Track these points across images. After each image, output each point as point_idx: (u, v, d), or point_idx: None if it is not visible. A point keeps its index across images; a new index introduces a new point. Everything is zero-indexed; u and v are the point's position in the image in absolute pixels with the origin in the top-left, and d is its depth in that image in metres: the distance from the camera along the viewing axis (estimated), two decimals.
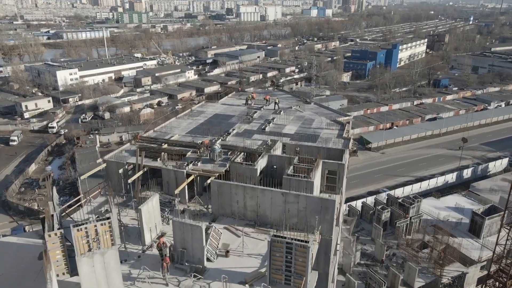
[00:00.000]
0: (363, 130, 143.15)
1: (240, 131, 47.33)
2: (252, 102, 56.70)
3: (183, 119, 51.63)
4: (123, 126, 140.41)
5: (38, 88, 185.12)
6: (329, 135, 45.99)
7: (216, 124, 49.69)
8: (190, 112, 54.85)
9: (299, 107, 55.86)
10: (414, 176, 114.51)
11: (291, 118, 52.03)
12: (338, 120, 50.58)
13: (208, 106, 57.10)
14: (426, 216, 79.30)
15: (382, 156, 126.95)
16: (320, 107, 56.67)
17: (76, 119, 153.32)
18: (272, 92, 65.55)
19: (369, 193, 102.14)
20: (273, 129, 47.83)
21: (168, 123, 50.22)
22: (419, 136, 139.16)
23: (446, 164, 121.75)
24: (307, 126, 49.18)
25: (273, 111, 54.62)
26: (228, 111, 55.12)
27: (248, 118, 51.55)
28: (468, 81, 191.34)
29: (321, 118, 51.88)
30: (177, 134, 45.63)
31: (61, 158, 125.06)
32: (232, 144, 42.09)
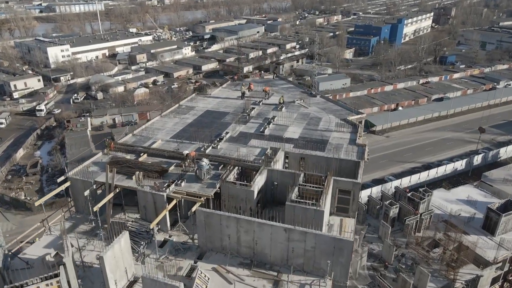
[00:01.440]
0: (366, 112, 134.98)
1: (234, 134, 39.80)
2: (246, 92, 48.80)
3: (169, 118, 43.96)
4: (116, 107, 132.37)
5: (28, 66, 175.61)
6: (340, 140, 38.48)
7: (207, 124, 42.11)
8: (177, 109, 47.06)
9: (303, 102, 48.06)
10: (421, 162, 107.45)
11: (295, 116, 44.36)
12: (348, 119, 42.93)
13: (198, 101, 49.27)
14: (436, 210, 72.22)
15: (387, 140, 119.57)
16: (327, 102, 48.82)
17: (68, 100, 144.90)
18: (272, 82, 57.60)
19: (374, 181, 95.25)
20: (274, 132, 40.31)
21: (150, 123, 42.58)
22: (425, 118, 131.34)
23: (454, 149, 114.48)
24: (313, 127, 41.60)
25: (273, 107, 46.88)
26: (221, 107, 47.37)
27: (244, 116, 43.92)
28: (476, 58, 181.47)
29: (329, 116, 44.20)
30: (160, 140, 38.10)
31: (51, 143, 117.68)
32: (224, 155, 34.65)
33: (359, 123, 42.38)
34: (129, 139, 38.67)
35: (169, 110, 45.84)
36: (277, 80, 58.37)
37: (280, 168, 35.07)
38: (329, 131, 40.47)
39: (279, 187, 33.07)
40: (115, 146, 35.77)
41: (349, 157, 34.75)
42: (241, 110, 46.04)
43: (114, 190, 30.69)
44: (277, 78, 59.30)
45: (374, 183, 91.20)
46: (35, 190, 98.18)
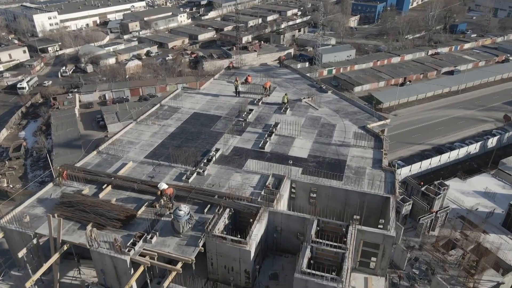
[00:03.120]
0: (372, 87, 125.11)
1: (227, 151, 30.82)
2: (239, 87, 39.35)
3: (146, 126, 34.77)
4: (106, 82, 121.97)
5: (14, 35, 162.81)
6: (361, 160, 29.59)
7: (193, 136, 33.03)
8: (159, 109, 37.75)
9: (311, 100, 38.72)
10: (431, 144, 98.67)
11: (302, 122, 35.20)
12: (369, 128, 33.81)
13: (185, 99, 39.84)
14: (452, 204, 64.06)
15: (395, 118, 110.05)
16: (340, 100, 39.45)
17: (56, 73, 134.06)
18: (275, 71, 47.78)
19: None
20: (277, 147, 31.34)
21: (123, 134, 33.46)
22: (435, 94, 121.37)
23: (466, 129, 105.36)
24: (325, 139, 32.56)
25: (275, 108, 37.60)
26: (212, 107, 38.05)
27: (239, 122, 34.79)
28: (488, 27, 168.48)
29: (344, 122, 35.03)
30: (131, 162, 29.17)
31: (36, 122, 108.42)
32: (211, 189, 25.89)
33: (383, 134, 33.32)
34: (92, 159, 29.73)
35: (148, 113, 36.55)
36: (281, 69, 48.54)
37: (285, 205, 26.48)
38: (346, 145, 31.47)
39: (284, 233, 24.70)
40: (69, 174, 26.87)
41: (375, 189, 26.02)
42: (236, 112, 36.81)
43: (61, 247, 22.19)
44: (283, 66, 49.34)
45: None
46: (19, 176, 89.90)
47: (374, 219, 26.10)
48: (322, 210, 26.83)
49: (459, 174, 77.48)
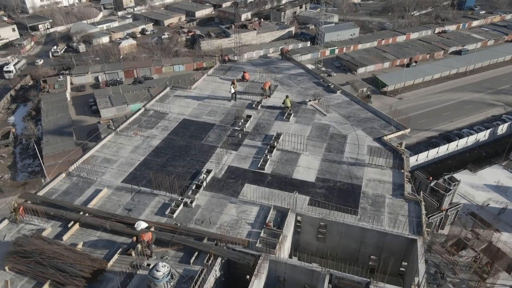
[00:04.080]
0: (377, 68, 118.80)
1: (220, 173, 25.81)
2: (235, 90, 33.92)
3: (128, 138, 29.57)
4: (99, 63, 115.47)
5: (4, 11, 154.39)
6: (378, 185, 24.65)
7: (181, 150, 27.94)
8: (143, 115, 32.42)
9: (318, 103, 33.39)
10: (438, 131, 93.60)
11: (308, 132, 30.01)
12: (386, 140, 28.67)
13: (174, 101, 34.41)
14: (462, 199, 59.70)
15: (400, 102, 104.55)
16: (351, 102, 34.09)
17: (47, 52, 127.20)
18: (276, 64, 41.94)
19: None
20: (279, 167, 26.32)
21: (99, 148, 28.33)
22: (442, 76, 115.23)
23: (474, 113, 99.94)
24: (336, 155, 27.49)
25: (277, 114, 32.32)
26: (204, 112, 32.72)
27: (236, 133, 29.61)
28: (497, 3, 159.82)
29: (357, 133, 29.85)
30: (105, 188, 24.21)
31: (26, 106, 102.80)
32: (199, 230, 21.08)
33: (402, 148, 28.23)
34: (60, 185, 24.73)
35: (130, 120, 31.25)
36: (283, 62, 42.75)
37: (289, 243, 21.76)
38: (361, 164, 26.43)
39: (289, 284, 20.13)
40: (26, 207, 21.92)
41: (398, 227, 21.23)
42: (231, 118, 31.55)
43: None
44: (286, 59, 43.54)
45: None
46: (8, 165, 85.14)
47: (395, 260, 21.46)
48: (332, 249, 22.18)
49: (469, 166, 72.70)
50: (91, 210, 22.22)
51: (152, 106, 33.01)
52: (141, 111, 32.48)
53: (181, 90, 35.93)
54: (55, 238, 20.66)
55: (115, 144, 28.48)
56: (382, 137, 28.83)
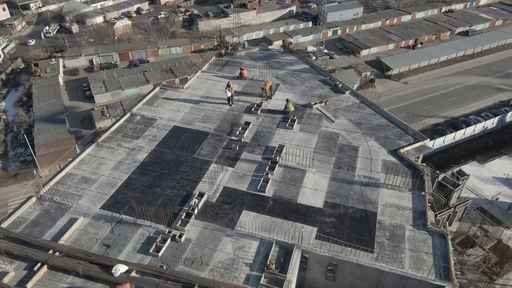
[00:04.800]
0: (381, 50, 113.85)
1: (214, 196, 22.31)
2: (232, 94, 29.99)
3: (110, 150, 25.87)
4: (93, 45, 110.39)
5: None
6: (396, 212, 21.21)
7: (170, 166, 24.33)
8: (128, 121, 28.61)
9: (324, 106, 29.55)
10: (444, 117, 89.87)
11: (314, 142, 26.32)
12: (402, 154, 25.04)
13: (163, 103, 30.50)
14: (470, 193, 56.56)
15: (405, 87, 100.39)
16: (362, 105, 30.23)
17: (39, 33, 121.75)
18: (278, 58, 37.66)
19: None
20: (281, 189, 22.79)
21: (77, 163, 24.68)
22: (448, 59, 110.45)
23: (481, 99, 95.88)
24: (346, 173, 23.91)
25: (279, 120, 28.54)
26: (197, 118, 28.92)
27: (232, 144, 25.94)
28: None
29: (369, 143, 26.18)
30: (81, 217, 20.75)
31: (18, 91, 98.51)
32: (188, 275, 17.75)
33: (422, 164, 24.64)
34: (29, 212, 21.21)
35: (113, 128, 27.45)
36: (285, 56, 38.44)
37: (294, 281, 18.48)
38: (375, 184, 22.90)
39: None
40: None
41: (421, 270, 17.92)
42: (228, 125, 27.80)
43: None
44: (288, 51, 39.29)
45: None
46: None
47: None
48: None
49: (477, 157, 69.18)
50: (62, 247, 18.83)
51: (139, 111, 29.14)
52: (127, 116, 28.63)
53: (172, 90, 31.97)
54: (18, 285, 17.35)
55: (95, 158, 24.84)
56: (398, 150, 25.18)
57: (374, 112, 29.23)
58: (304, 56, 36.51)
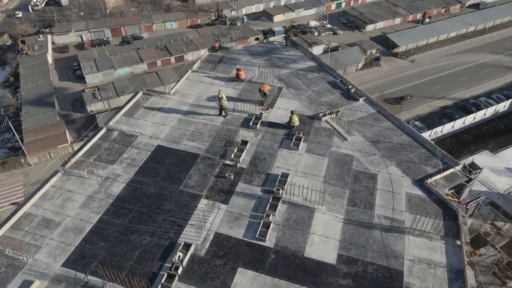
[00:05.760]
0: (387, 24, 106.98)
1: (203, 247, 18.01)
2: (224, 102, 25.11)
3: (79, 180, 21.30)
4: (83, 20, 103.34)
5: None
6: (427, 270, 17.02)
7: (151, 203, 19.88)
8: (103, 139, 23.86)
9: (335, 118, 24.77)
10: (453, 99, 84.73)
11: (324, 170, 21.73)
12: (430, 185, 20.56)
13: (146, 115, 25.61)
14: (481, 187, 52.57)
15: (412, 66, 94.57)
16: (378, 116, 25.41)
17: (26, 6, 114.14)
18: (281, 53, 32.28)
19: None
20: (285, 236, 18.48)
21: (38, 199, 20.19)
22: (458, 35, 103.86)
23: (492, 78, 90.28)
24: (363, 213, 19.51)
25: (281, 137, 23.82)
26: (186, 134, 24.16)
27: (226, 172, 21.40)
28: None
29: (390, 169, 21.62)
30: (37, 280, 16.51)
31: (4, 69, 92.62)
32: None
33: (455, 200, 20.25)
34: None
35: (85, 149, 22.76)
36: (288, 50, 33.00)
37: None
38: (399, 229, 18.58)
39: None
40: None
41: None
42: (221, 144, 23.13)
43: None
44: (291, 44, 33.85)
45: None
46: None
47: None
48: None
49: (489, 146, 64.73)
50: None
51: (117, 125, 24.34)
52: (103, 132, 23.88)
53: (157, 96, 26.97)
54: None
55: (60, 192, 20.35)
56: (425, 180, 20.67)
57: (394, 126, 24.47)
58: (310, 52, 31.08)
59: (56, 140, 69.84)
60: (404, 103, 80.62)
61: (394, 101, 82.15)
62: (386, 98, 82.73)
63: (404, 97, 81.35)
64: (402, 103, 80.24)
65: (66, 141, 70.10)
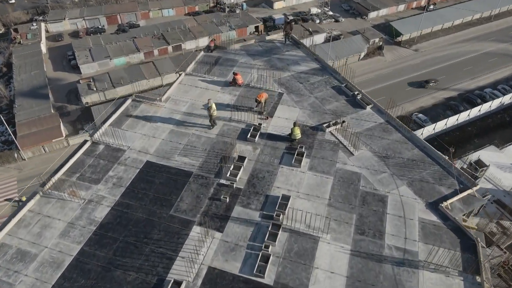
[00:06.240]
0: (390, 11, 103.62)
1: (194, 286, 16.10)
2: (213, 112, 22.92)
3: (59, 203, 19.26)
4: (78, 7, 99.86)
5: None
6: None
7: (139, 232, 17.92)
8: (87, 155, 21.73)
9: (342, 128, 22.62)
10: (457, 90, 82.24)
11: (328, 192, 19.69)
12: (446, 210, 18.56)
13: (135, 126, 23.38)
14: (487, 184, 50.72)
15: (416, 55, 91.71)
16: (387, 127, 23.23)
17: None
18: (280, 53, 29.73)
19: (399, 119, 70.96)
20: (286, 271, 16.54)
21: (13, 225, 18.22)
22: (463, 22, 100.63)
23: (497, 69, 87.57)
24: (372, 244, 17.54)
25: (282, 152, 21.67)
26: (177, 149, 22.00)
27: (221, 193, 19.36)
28: None
29: (400, 189, 19.55)
30: None
31: None
32: None
33: (473, 227, 18.28)
34: None
35: (67, 167, 20.62)
36: (289, 50, 30.45)
37: None
38: (412, 263, 16.67)
39: None
40: None
41: None
42: (216, 160, 21.04)
43: None
44: (290, 42, 31.33)
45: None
46: None
47: None
48: None
49: (495, 142, 62.60)
50: None
51: (102, 136, 22.17)
52: (87, 146, 21.73)
53: (147, 103, 24.70)
54: None
55: (38, 218, 18.36)
56: (440, 204, 18.65)
57: (405, 139, 22.30)
58: (313, 52, 28.63)
59: (51, 134, 67.70)
60: (429, 87, 79.02)
61: (418, 85, 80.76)
62: (410, 82, 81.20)
63: (429, 80, 79.94)
64: (427, 87, 78.76)
65: (61, 135, 68.02)
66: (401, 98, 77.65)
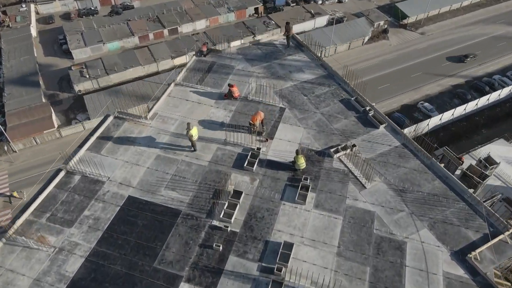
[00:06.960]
0: None
1: None
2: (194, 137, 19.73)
3: (25, 253, 16.39)
4: None
5: None
6: None
7: None
8: (61, 186, 18.72)
9: (350, 153, 19.51)
10: (464, 76, 78.34)
11: (338, 234, 16.79)
12: (475, 263, 15.72)
13: (116, 150, 20.25)
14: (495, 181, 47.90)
15: (422, 38, 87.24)
16: (404, 152, 20.08)
17: None
18: (281, 59, 26.10)
19: (404, 108, 67.94)
20: None
21: None
22: (472, 3, 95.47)
23: (506, 53, 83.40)
24: None
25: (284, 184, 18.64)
26: (164, 180, 18.95)
27: (215, 243, 16.47)
28: None
29: (421, 234, 16.67)
30: None
31: None
32: None
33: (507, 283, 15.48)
34: None
35: (36, 205, 17.67)
36: (291, 54, 26.80)
37: None
38: None
39: None
40: None
41: None
42: (208, 195, 18.06)
43: None
44: (293, 44, 27.69)
45: (402, 114, 63.99)
46: None
47: None
48: None
49: (505, 135, 59.44)
50: None
51: (79, 165, 19.10)
52: (61, 176, 18.70)
53: (131, 122, 21.48)
54: None
55: (0, 271, 15.53)
56: (468, 255, 15.82)
57: (424, 167, 19.25)
58: (319, 57, 25.13)
59: (42, 125, 64.48)
60: (467, 62, 74.74)
61: (457, 59, 77.75)
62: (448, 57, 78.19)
63: (468, 55, 77.27)
64: (466, 62, 75.35)
65: (53, 126, 64.84)
66: (406, 85, 74.06)
